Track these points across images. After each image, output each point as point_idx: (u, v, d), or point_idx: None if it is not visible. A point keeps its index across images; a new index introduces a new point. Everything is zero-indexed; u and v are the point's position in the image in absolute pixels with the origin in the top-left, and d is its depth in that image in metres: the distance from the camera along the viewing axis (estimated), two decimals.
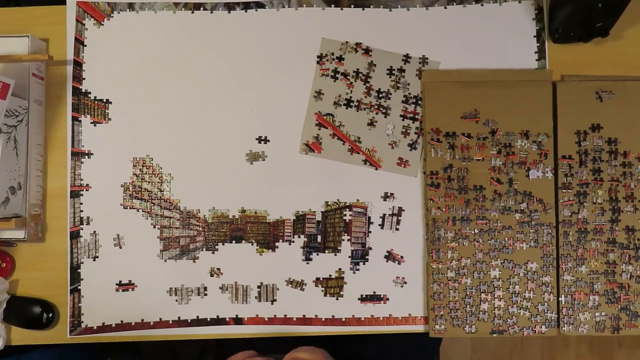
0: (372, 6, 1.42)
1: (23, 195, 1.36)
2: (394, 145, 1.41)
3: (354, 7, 1.42)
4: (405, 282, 1.39)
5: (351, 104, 1.42)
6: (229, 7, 1.44)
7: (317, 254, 1.41)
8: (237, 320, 1.40)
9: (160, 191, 1.42)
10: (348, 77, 1.42)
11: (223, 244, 1.41)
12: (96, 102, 1.43)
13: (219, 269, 1.41)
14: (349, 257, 1.40)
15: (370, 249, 1.40)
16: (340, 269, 1.40)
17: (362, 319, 1.39)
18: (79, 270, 1.41)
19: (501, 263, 1.37)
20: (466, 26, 1.42)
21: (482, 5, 1.41)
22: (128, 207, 1.42)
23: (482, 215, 1.38)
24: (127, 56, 1.44)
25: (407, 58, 1.41)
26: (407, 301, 1.39)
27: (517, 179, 1.37)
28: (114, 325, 1.39)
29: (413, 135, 1.41)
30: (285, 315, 1.39)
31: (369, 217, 1.41)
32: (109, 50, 1.44)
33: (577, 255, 1.36)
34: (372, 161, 1.41)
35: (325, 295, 1.40)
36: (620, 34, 1.39)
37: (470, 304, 1.37)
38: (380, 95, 1.42)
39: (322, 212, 1.41)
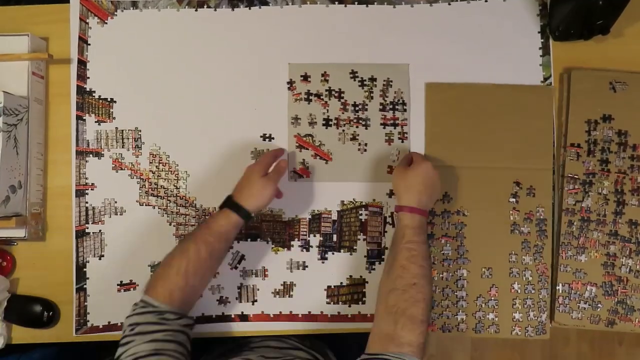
0: (376, 3, 1.43)
1: (23, 194, 1.36)
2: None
3: (357, 3, 1.43)
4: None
5: (330, 122, 1.43)
6: (233, 4, 1.44)
7: (333, 254, 1.41)
8: (243, 317, 1.40)
9: (177, 188, 1.42)
10: (322, 97, 1.43)
11: (238, 242, 1.41)
12: (100, 101, 1.43)
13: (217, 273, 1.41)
14: (365, 256, 1.40)
15: (386, 248, 1.40)
16: (351, 275, 1.40)
17: (368, 315, 1.39)
18: (84, 269, 1.41)
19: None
20: (470, 23, 1.43)
21: (486, 1, 1.43)
22: (144, 204, 1.42)
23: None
24: (131, 55, 1.44)
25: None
26: None
27: None
28: (119, 324, 1.39)
29: (397, 141, 1.42)
30: (290, 312, 1.39)
31: (385, 217, 1.41)
32: (113, 49, 1.45)
33: (578, 243, 1.37)
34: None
35: (336, 303, 1.40)
36: (621, 32, 1.41)
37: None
38: (357, 109, 1.43)
39: (338, 211, 1.42)
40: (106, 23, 1.45)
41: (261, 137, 1.42)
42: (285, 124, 1.43)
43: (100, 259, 1.41)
